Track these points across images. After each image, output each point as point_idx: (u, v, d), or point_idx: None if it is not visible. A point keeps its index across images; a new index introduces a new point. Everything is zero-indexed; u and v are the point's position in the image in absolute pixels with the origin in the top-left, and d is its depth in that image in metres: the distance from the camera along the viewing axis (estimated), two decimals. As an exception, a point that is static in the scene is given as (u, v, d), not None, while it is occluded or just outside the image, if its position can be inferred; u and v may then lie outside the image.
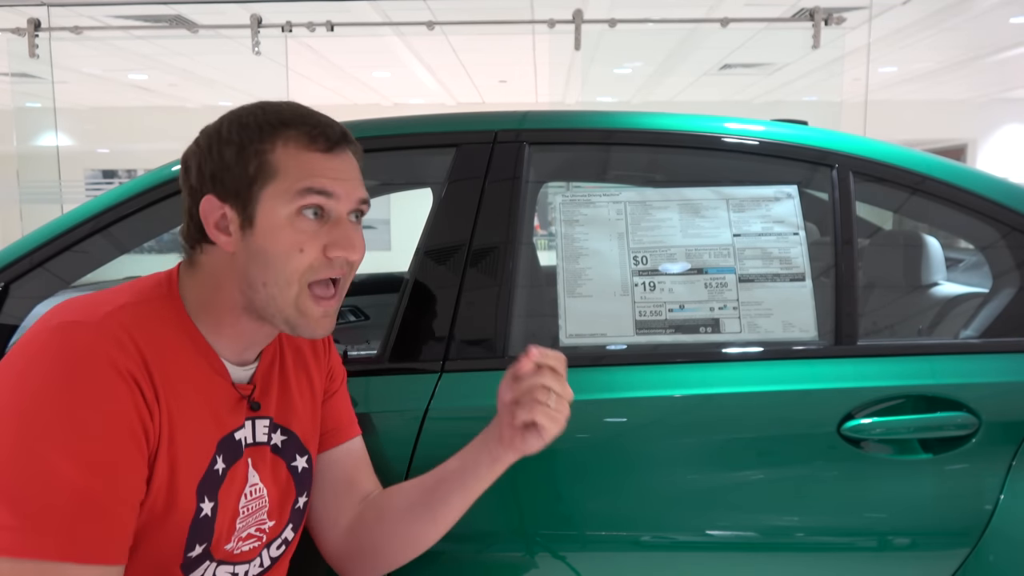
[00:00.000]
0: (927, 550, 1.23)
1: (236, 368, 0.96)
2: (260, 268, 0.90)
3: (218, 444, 0.92)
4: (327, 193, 0.90)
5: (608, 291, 1.33)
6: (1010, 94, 9.27)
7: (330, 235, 0.91)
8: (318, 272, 0.91)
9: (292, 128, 0.91)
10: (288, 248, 0.89)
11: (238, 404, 0.96)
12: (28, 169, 5.68)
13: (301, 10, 4.12)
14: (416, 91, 8.90)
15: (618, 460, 1.24)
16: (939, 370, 1.27)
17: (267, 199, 0.89)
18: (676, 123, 1.45)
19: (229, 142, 0.90)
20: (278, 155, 0.89)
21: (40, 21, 4.08)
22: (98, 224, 1.36)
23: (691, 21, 4.78)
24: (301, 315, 0.91)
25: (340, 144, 0.94)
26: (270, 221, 0.89)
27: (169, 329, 0.89)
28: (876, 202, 1.51)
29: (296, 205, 0.89)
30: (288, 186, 0.89)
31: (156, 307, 0.90)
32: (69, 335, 0.80)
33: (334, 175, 0.91)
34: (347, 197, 0.93)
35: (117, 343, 0.81)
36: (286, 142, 0.90)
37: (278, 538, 1.02)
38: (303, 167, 0.90)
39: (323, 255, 0.90)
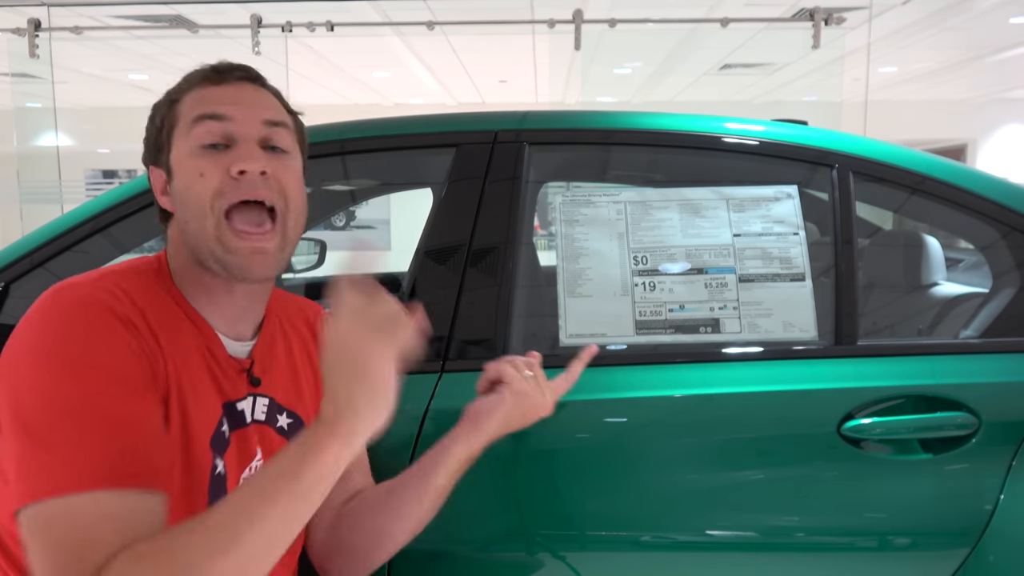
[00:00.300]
0: (927, 550, 1.23)
1: (232, 342, 0.96)
2: (181, 209, 0.89)
3: (223, 407, 0.92)
4: (219, 116, 0.88)
5: (608, 291, 1.33)
6: (1010, 94, 9.27)
7: (231, 155, 0.88)
8: (227, 195, 0.87)
9: (194, 76, 0.92)
10: (190, 177, 0.87)
11: (238, 375, 0.95)
12: (28, 169, 5.68)
13: (301, 10, 4.12)
14: (416, 91, 8.90)
15: (618, 460, 1.24)
16: (939, 370, 1.27)
17: (176, 143, 0.90)
18: (676, 123, 1.45)
19: (151, 116, 0.94)
20: (182, 103, 0.91)
21: (40, 21, 4.08)
22: (98, 224, 1.36)
23: (691, 21, 4.78)
24: (227, 251, 0.88)
25: (233, 74, 0.92)
26: (178, 160, 0.89)
27: (160, 296, 0.90)
28: (876, 202, 1.51)
29: (193, 137, 0.88)
30: (185, 122, 0.89)
31: (149, 278, 0.91)
32: (67, 293, 0.82)
33: (226, 98, 0.90)
34: (245, 118, 0.89)
35: (111, 295, 0.83)
36: (188, 86, 0.92)
37: None
38: (197, 100, 0.90)
39: (227, 176, 0.87)
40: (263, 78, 0.96)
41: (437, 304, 1.32)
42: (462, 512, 1.24)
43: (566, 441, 1.25)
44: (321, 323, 1.10)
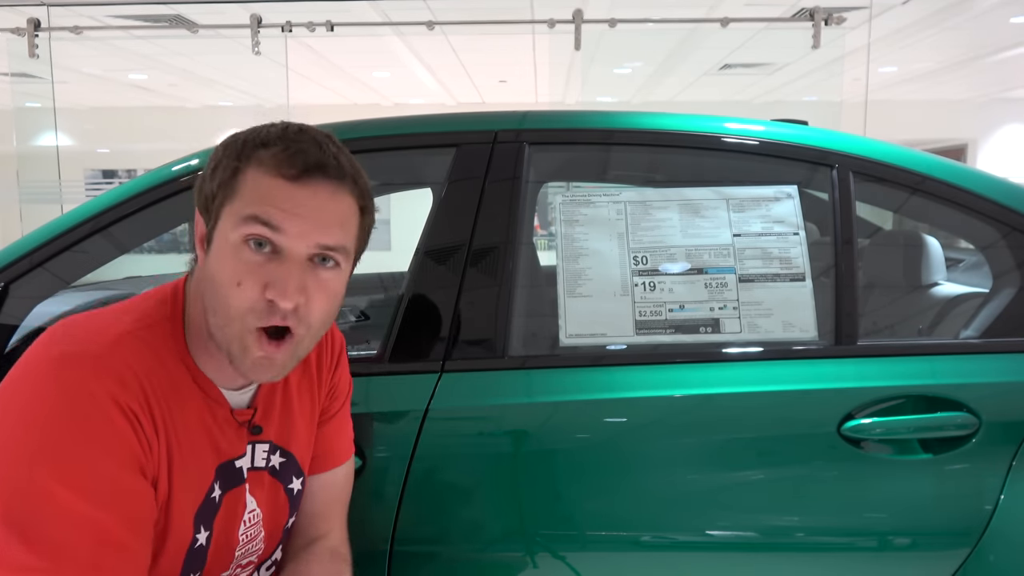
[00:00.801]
0: (927, 550, 1.23)
1: (235, 393, 0.93)
2: (208, 293, 0.84)
3: (216, 471, 0.90)
4: (271, 225, 0.80)
5: (608, 291, 1.33)
6: (1010, 94, 9.26)
7: (271, 274, 0.81)
8: (261, 317, 0.82)
9: (268, 148, 0.83)
10: (228, 278, 0.81)
11: (238, 431, 0.93)
12: (28, 169, 5.68)
13: (301, 10, 4.12)
14: (416, 91, 8.90)
15: (618, 460, 1.24)
16: (939, 370, 1.27)
17: (224, 219, 0.83)
18: (676, 123, 1.45)
19: (214, 157, 0.86)
20: (246, 175, 0.82)
21: (40, 21, 4.08)
22: (98, 224, 1.36)
23: (691, 21, 4.77)
24: (241, 351, 0.84)
25: (313, 172, 0.82)
26: (220, 243, 0.83)
27: (169, 358, 0.86)
28: (876, 202, 1.51)
29: (241, 232, 0.81)
30: (239, 209, 0.81)
31: (157, 334, 0.86)
32: (71, 369, 0.78)
33: (289, 206, 0.81)
34: (300, 236, 0.81)
35: (118, 380, 0.79)
36: (258, 163, 0.82)
37: (268, 559, 1.02)
38: (259, 191, 0.81)
39: (263, 294, 0.81)
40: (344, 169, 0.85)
41: (437, 304, 1.32)
42: (462, 512, 1.24)
43: (566, 441, 1.25)
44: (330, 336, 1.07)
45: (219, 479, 0.91)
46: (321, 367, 1.05)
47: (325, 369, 1.06)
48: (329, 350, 1.07)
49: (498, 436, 1.25)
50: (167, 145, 2.61)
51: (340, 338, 1.10)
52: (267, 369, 0.85)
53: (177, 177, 1.37)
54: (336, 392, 1.08)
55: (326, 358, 1.06)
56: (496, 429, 1.25)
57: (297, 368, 1.01)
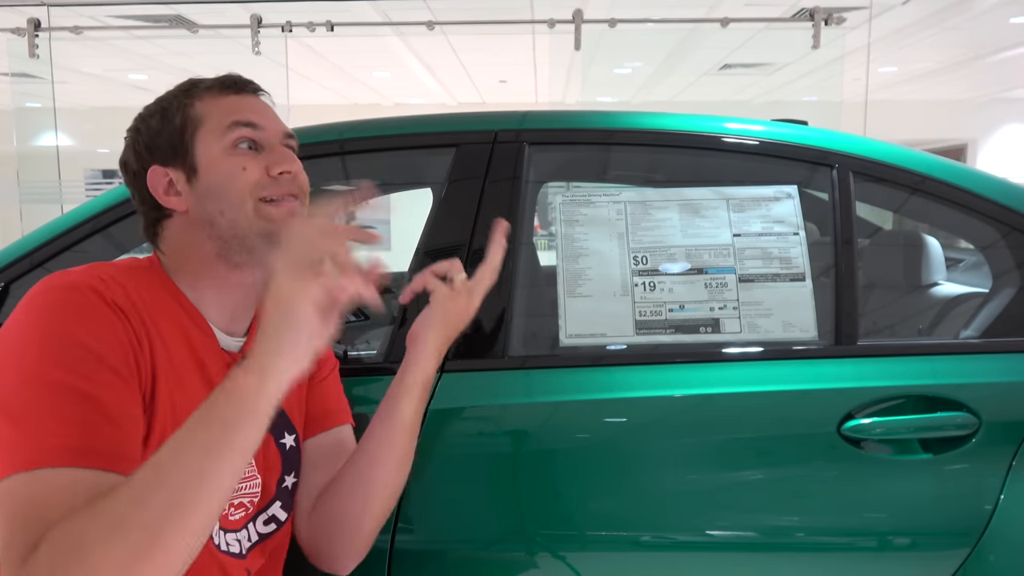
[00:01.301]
0: (927, 550, 1.23)
1: (225, 337, 0.97)
2: (214, 201, 0.93)
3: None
4: (252, 124, 0.96)
5: (608, 291, 1.33)
6: (1010, 94, 9.27)
7: (268, 158, 0.95)
8: (266, 188, 0.94)
9: (203, 84, 0.99)
10: (231, 170, 0.93)
11: (227, 368, 0.95)
12: (28, 169, 5.68)
13: (301, 10, 4.12)
14: (416, 91, 8.90)
15: (618, 460, 1.24)
16: (939, 370, 1.27)
17: (201, 143, 0.95)
18: (676, 123, 1.45)
19: (153, 113, 0.98)
20: (198, 106, 0.96)
21: (40, 21, 4.08)
22: (98, 224, 1.36)
23: (691, 21, 4.78)
24: (268, 221, 0.94)
25: (250, 88, 1.01)
26: (209, 159, 0.94)
27: (154, 288, 0.92)
28: (876, 202, 1.51)
29: (228, 139, 0.94)
30: (215, 125, 0.95)
31: (139, 272, 0.93)
32: (54, 281, 0.85)
33: (253, 109, 0.98)
34: (271, 128, 0.98)
35: (102, 282, 0.85)
36: (201, 95, 0.97)
37: (264, 511, 1.02)
38: (223, 107, 0.97)
39: (266, 174, 0.94)
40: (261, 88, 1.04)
41: (437, 304, 1.31)
42: (462, 512, 1.24)
43: (566, 441, 1.25)
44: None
45: None
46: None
47: None
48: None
49: (498, 436, 1.25)
50: (167, 145, 2.59)
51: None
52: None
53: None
54: (321, 360, 1.13)
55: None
56: (496, 429, 1.25)
57: None
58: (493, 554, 1.25)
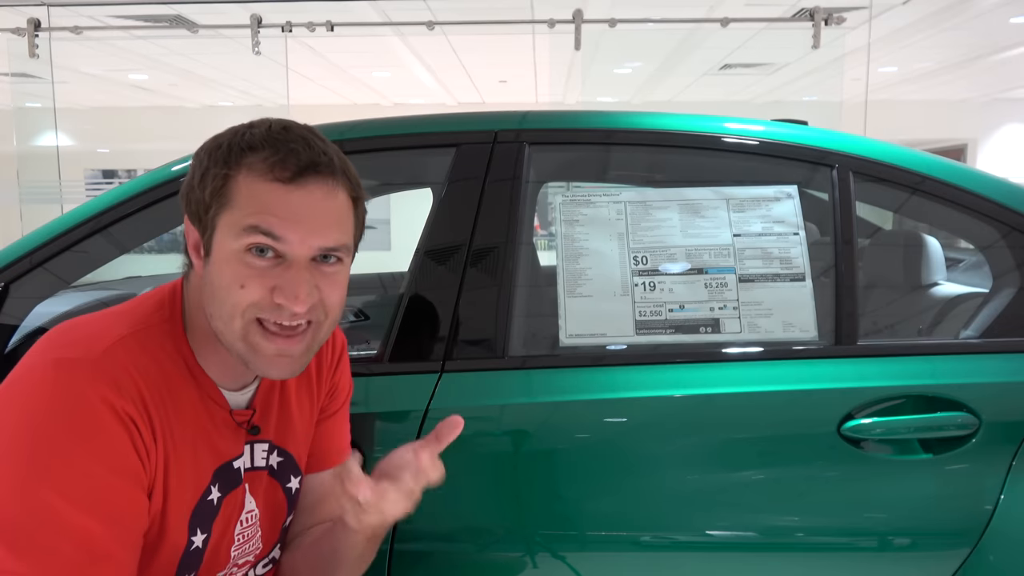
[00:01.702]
0: (927, 550, 1.23)
1: (234, 394, 0.93)
2: (208, 299, 0.84)
3: (214, 474, 0.90)
4: (272, 235, 0.80)
5: (608, 291, 1.33)
6: (1010, 94, 9.26)
7: (279, 278, 0.81)
8: (264, 311, 0.82)
9: (257, 152, 0.81)
10: (229, 283, 0.81)
11: (236, 432, 0.93)
12: (28, 169, 5.67)
13: (301, 10, 4.12)
14: (416, 91, 8.90)
15: (618, 460, 1.24)
16: (939, 370, 1.27)
17: (222, 229, 0.82)
18: (676, 123, 1.45)
19: (200, 163, 0.84)
20: (238, 182, 0.81)
21: (40, 21, 4.08)
22: (98, 224, 1.36)
23: (691, 21, 4.78)
24: (252, 351, 0.84)
25: (307, 174, 0.81)
26: (220, 253, 0.82)
27: (167, 361, 0.86)
28: (876, 202, 1.51)
29: (242, 242, 0.81)
30: (237, 219, 0.81)
31: (155, 335, 0.86)
32: (67, 374, 0.78)
33: (287, 214, 0.81)
34: (301, 241, 0.82)
35: (115, 385, 0.79)
36: (249, 168, 0.81)
37: (266, 558, 1.02)
38: (255, 200, 0.81)
39: (270, 296, 0.82)
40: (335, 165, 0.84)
41: (437, 304, 1.32)
42: (462, 512, 1.24)
43: (566, 441, 1.25)
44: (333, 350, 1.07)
45: (217, 481, 0.90)
46: (321, 367, 1.05)
47: (325, 369, 1.05)
48: (330, 350, 1.06)
49: (498, 436, 1.25)
50: (167, 145, 2.61)
51: (342, 339, 1.10)
52: (286, 364, 0.85)
53: (177, 177, 1.36)
54: (336, 392, 1.08)
55: (326, 358, 1.05)
56: (496, 429, 1.25)
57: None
58: (493, 554, 1.25)
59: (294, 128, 0.85)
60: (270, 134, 0.83)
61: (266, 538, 1.00)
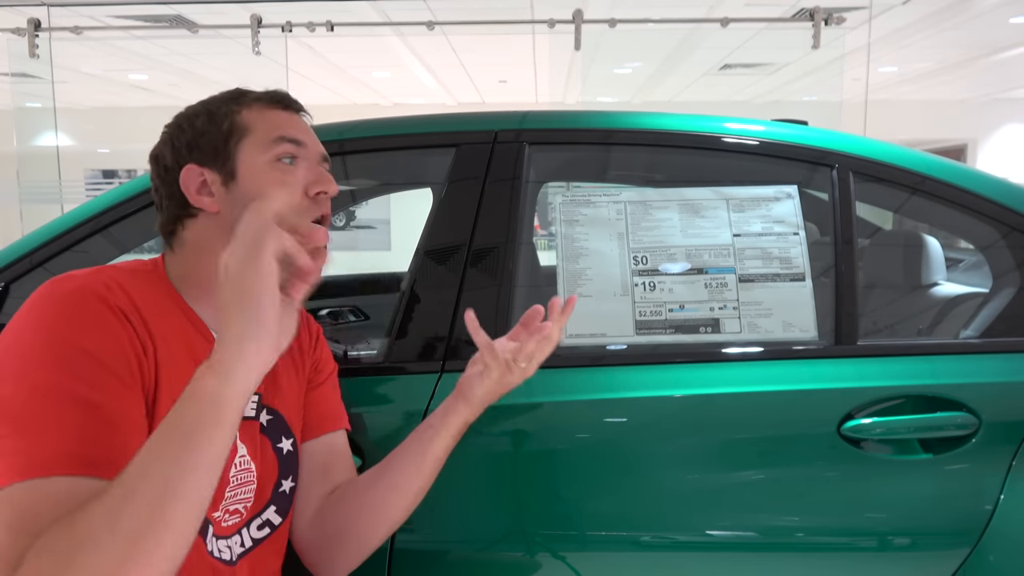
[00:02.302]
0: (927, 550, 1.23)
1: None
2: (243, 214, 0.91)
3: None
4: (297, 141, 0.99)
5: (608, 291, 1.33)
6: (1010, 94, 9.27)
7: (308, 175, 0.99)
8: (303, 214, 0.96)
9: (252, 95, 1.01)
10: (273, 184, 0.95)
11: None
12: (28, 169, 5.68)
13: (301, 10, 4.12)
14: (416, 91, 8.90)
15: (618, 460, 1.24)
16: (939, 370, 1.27)
17: (244, 151, 0.97)
18: (676, 123, 1.45)
19: (199, 113, 1.00)
20: (245, 115, 0.99)
21: (40, 21, 4.08)
22: (98, 224, 1.36)
23: (691, 21, 4.78)
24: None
25: (296, 108, 1.04)
26: (251, 169, 0.96)
27: (157, 294, 0.93)
28: (876, 202, 1.51)
29: (272, 152, 0.97)
30: (262, 136, 0.97)
31: (143, 276, 0.94)
32: (59, 286, 0.85)
33: (299, 127, 1.02)
34: (313, 147, 1.02)
35: (106, 287, 0.85)
36: (250, 105, 1.00)
37: (258, 517, 1.02)
38: (271, 121, 0.99)
39: (305, 196, 0.97)
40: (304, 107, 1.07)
41: (437, 304, 1.32)
42: (462, 512, 1.24)
43: (566, 441, 1.25)
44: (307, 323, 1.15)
45: None
46: (302, 345, 1.12)
47: (306, 346, 1.13)
48: (307, 330, 1.15)
49: (498, 436, 1.25)
50: (167, 145, 2.59)
51: (316, 325, 1.19)
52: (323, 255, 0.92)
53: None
54: (320, 366, 1.15)
55: (305, 337, 1.13)
56: (496, 429, 1.25)
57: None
58: (493, 554, 1.25)
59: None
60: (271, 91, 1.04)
61: (259, 492, 1.01)
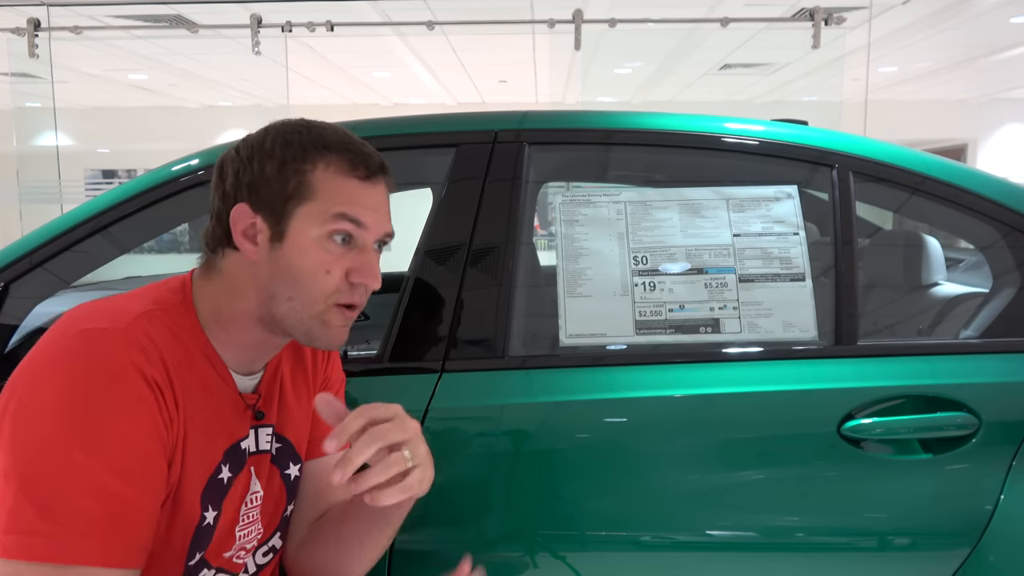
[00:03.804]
0: (927, 550, 1.23)
1: (242, 378, 0.97)
2: (287, 283, 0.90)
3: (225, 453, 0.93)
4: (358, 222, 0.91)
5: (608, 291, 1.33)
6: (1010, 94, 9.27)
7: (355, 261, 0.92)
8: (342, 296, 0.92)
9: (334, 152, 0.92)
10: (316, 267, 0.90)
11: (243, 414, 0.96)
12: (28, 169, 5.67)
13: (301, 10, 4.12)
14: (416, 91, 8.90)
15: (618, 460, 1.24)
16: (939, 370, 1.27)
17: (301, 217, 0.90)
18: (676, 123, 1.45)
19: (271, 156, 0.91)
20: (317, 176, 0.90)
21: (40, 21, 4.08)
22: (98, 224, 1.36)
23: (691, 21, 4.78)
24: (323, 326, 0.92)
25: (377, 174, 0.95)
26: (301, 239, 0.90)
27: (184, 338, 0.90)
28: (876, 202, 1.51)
29: (328, 228, 0.90)
30: (323, 208, 0.90)
31: (172, 315, 0.90)
32: (95, 341, 0.81)
33: (367, 205, 0.93)
34: (375, 228, 0.94)
35: (143, 351, 0.82)
36: (327, 165, 0.91)
37: (265, 544, 1.03)
38: (340, 192, 0.91)
39: (346, 279, 0.92)
40: (387, 167, 0.98)
41: (437, 304, 1.32)
42: (462, 512, 1.24)
43: (566, 441, 1.25)
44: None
45: (228, 461, 0.93)
46: (316, 360, 1.10)
47: (319, 362, 1.11)
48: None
49: (498, 436, 1.25)
50: (167, 145, 2.61)
51: None
52: (345, 333, 0.95)
53: (177, 177, 1.37)
54: (329, 383, 1.13)
55: (320, 352, 1.11)
56: (496, 429, 1.25)
57: (290, 360, 1.06)
58: (493, 554, 1.25)
59: (349, 132, 0.96)
60: (337, 135, 0.94)
61: (266, 523, 1.01)
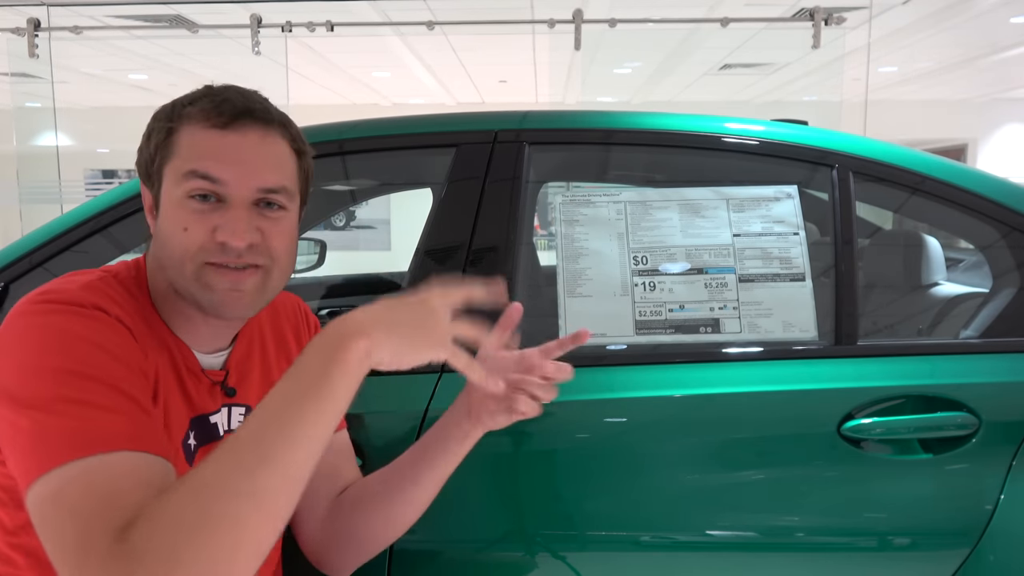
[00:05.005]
0: (927, 550, 1.23)
1: (206, 356, 0.95)
2: (160, 249, 0.87)
3: (191, 422, 0.91)
4: (210, 177, 0.83)
5: (608, 291, 1.33)
6: (1010, 94, 9.27)
7: (220, 219, 0.84)
8: (210, 254, 0.84)
9: (195, 104, 0.85)
10: (173, 227, 0.84)
11: (212, 389, 0.94)
12: (28, 169, 5.68)
13: (301, 10, 4.12)
14: (416, 91, 8.90)
15: (618, 460, 1.24)
16: (939, 370, 1.27)
17: (167, 179, 0.86)
18: (676, 123, 1.45)
19: (148, 126, 0.89)
20: (180, 133, 0.85)
21: (40, 21, 4.08)
22: (98, 224, 1.36)
23: (691, 21, 4.78)
24: (205, 288, 0.85)
25: (241, 118, 0.85)
26: (166, 201, 0.86)
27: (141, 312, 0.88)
28: (876, 202, 1.51)
29: (184, 188, 0.84)
30: (179, 166, 0.84)
31: (126, 284, 0.89)
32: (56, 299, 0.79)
33: (223, 156, 0.84)
34: (239, 182, 0.84)
35: (104, 297, 0.82)
36: (188, 119, 0.85)
37: None
38: (194, 146, 0.84)
39: (212, 237, 0.84)
40: (272, 114, 0.89)
41: (437, 304, 1.31)
42: (462, 512, 1.24)
43: (566, 441, 1.25)
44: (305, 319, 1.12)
45: (194, 429, 0.91)
46: (300, 340, 1.09)
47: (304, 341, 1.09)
48: (305, 327, 1.11)
49: (498, 436, 1.25)
50: (167, 145, 2.59)
51: (315, 319, 1.15)
52: (238, 300, 0.87)
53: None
54: None
55: (304, 335, 1.10)
56: (496, 429, 1.25)
57: (272, 340, 1.04)
58: (493, 554, 1.25)
59: (234, 86, 0.89)
60: (210, 89, 0.87)
61: None
